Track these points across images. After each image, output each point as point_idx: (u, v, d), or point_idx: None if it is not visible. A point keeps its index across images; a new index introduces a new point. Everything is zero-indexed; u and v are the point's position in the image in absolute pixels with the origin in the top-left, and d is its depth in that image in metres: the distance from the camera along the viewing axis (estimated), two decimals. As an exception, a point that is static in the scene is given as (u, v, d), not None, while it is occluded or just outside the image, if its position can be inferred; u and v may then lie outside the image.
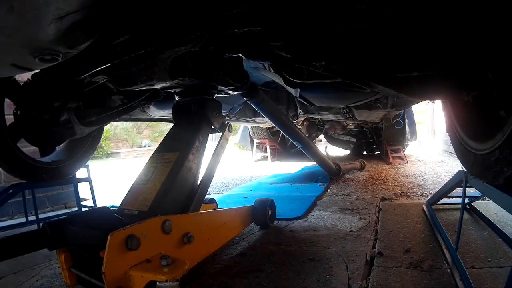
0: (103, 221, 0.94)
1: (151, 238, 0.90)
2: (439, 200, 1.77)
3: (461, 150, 1.29)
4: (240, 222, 1.50)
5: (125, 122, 11.02)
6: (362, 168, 3.72)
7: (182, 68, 1.15)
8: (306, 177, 3.21)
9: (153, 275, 0.79)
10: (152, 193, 1.08)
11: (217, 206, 1.79)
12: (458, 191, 1.46)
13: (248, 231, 1.67)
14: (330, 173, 2.90)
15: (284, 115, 2.30)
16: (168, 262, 0.81)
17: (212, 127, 1.37)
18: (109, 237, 0.79)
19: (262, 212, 1.64)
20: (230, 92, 1.49)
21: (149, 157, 1.27)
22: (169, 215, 0.99)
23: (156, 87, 1.26)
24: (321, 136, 6.77)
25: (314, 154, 2.71)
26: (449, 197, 1.71)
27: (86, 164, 2.06)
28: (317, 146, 2.80)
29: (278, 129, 2.42)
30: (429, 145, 7.03)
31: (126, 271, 0.82)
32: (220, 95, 1.50)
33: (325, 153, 3.35)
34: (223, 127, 1.39)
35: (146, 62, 1.13)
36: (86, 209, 1.96)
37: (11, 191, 1.71)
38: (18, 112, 1.48)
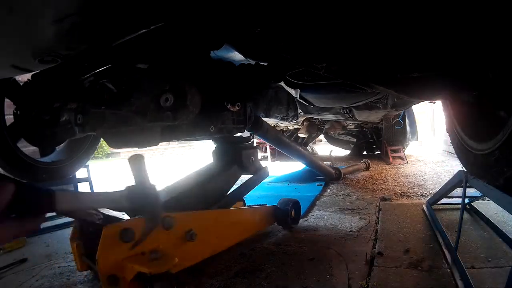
0: None
1: None
2: (439, 200, 1.77)
3: (461, 150, 1.29)
4: (256, 222, 1.52)
5: (125, 122, 10.95)
6: (367, 168, 3.72)
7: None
8: (304, 177, 3.20)
9: (139, 266, 0.83)
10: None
11: (245, 204, 1.78)
12: (458, 191, 1.46)
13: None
14: (330, 178, 2.98)
15: (285, 137, 2.47)
16: (157, 256, 0.85)
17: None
18: (103, 229, 0.85)
19: (284, 212, 1.61)
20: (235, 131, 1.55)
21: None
22: (172, 212, 1.02)
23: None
24: (321, 136, 6.77)
25: (315, 166, 2.85)
26: (449, 197, 1.71)
27: (86, 164, 2.06)
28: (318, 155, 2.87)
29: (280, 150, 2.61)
30: (429, 145, 7.03)
31: (119, 260, 0.87)
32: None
33: (330, 155, 3.69)
34: (257, 171, 1.63)
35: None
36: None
37: (11, 191, 1.71)
38: (18, 112, 1.48)
